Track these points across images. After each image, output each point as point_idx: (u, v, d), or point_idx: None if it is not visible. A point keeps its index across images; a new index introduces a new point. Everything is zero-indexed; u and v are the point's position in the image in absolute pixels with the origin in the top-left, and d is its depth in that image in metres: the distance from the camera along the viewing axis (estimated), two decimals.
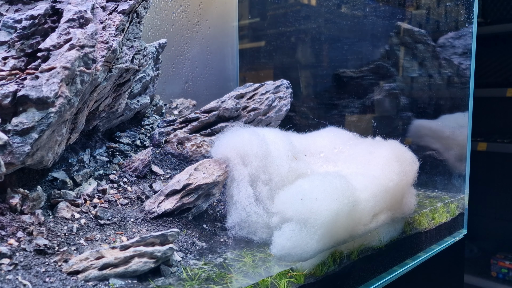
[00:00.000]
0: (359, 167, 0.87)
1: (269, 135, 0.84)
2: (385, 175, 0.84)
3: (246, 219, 0.77)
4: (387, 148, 0.90)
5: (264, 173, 0.79)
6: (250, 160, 0.80)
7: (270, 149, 0.81)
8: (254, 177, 0.80)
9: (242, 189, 0.79)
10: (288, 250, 0.68)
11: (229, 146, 0.83)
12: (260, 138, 0.82)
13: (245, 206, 0.78)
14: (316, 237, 0.68)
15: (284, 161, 0.80)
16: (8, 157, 0.60)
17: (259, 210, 0.77)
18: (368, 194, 0.79)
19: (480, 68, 2.02)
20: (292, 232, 0.69)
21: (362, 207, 0.77)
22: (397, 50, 1.19)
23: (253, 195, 0.79)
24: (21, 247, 0.57)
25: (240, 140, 0.83)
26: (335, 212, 0.70)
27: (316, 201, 0.69)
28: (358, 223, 0.77)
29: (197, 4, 1.40)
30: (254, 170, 0.80)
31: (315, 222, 0.68)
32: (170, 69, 1.34)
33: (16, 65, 0.66)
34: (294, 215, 0.70)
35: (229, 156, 0.82)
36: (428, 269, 0.99)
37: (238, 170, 0.81)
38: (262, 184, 0.79)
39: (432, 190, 1.19)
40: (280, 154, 0.81)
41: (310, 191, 0.71)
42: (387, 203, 0.83)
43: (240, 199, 0.79)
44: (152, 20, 1.27)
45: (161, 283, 0.57)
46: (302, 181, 0.76)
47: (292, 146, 0.85)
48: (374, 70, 1.23)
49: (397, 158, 0.88)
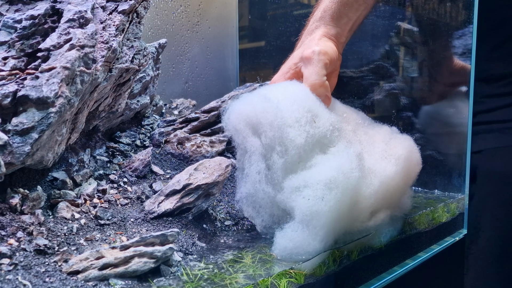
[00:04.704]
0: (376, 157, 0.83)
1: (284, 101, 0.77)
2: (393, 173, 0.81)
3: (254, 194, 0.75)
4: (404, 147, 0.87)
5: (279, 145, 0.74)
6: (264, 130, 0.75)
7: (285, 117, 0.74)
8: (269, 147, 0.74)
9: (254, 162, 0.75)
10: (290, 251, 0.68)
11: (240, 116, 0.78)
12: (275, 105, 0.76)
13: (255, 182, 0.75)
14: (318, 238, 0.67)
15: (301, 130, 0.74)
16: (8, 157, 0.60)
17: (268, 189, 0.74)
18: (370, 190, 0.77)
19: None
20: (294, 233, 0.68)
21: (362, 204, 0.75)
22: (397, 50, 1.20)
23: (264, 170, 0.74)
24: (21, 247, 0.57)
25: (252, 108, 0.77)
26: (339, 203, 0.68)
27: (322, 200, 0.67)
28: (355, 219, 0.75)
29: (197, 4, 1.40)
30: (269, 140, 0.74)
31: (318, 223, 0.67)
32: (170, 69, 1.34)
33: (16, 65, 0.66)
34: (298, 215, 0.68)
35: (240, 128, 0.77)
36: (428, 269, 0.99)
37: (250, 141, 0.76)
38: (277, 156, 0.74)
39: (432, 191, 1.19)
40: (297, 121, 0.74)
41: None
42: (386, 202, 0.82)
43: (251, 172, 0.75)
44: (152, 20, 1.27)
45: (161, 283, 0.57)
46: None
47: (311, 103, 0.78)
48: (374, 70, 1.23)
49: (407, 158, 0.85)
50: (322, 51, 0.84)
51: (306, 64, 0.84)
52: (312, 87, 0.82)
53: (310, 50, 0.85)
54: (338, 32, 0.91)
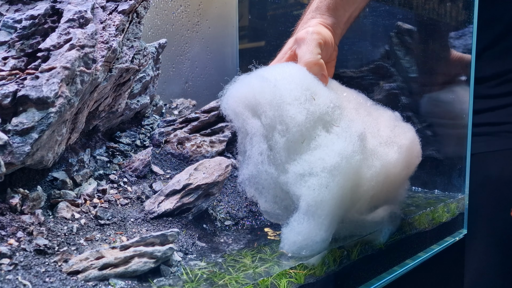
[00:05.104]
0: (379, 141, 0.81)
1: (282, 81, 0.76)
2: (395, 161, 0.80)
3: (256, 175, 0.74)
4: (407, 137, 0.85)
5: (280, 124, 0.72)
6: (263, 110, 0.73)
7: (284, 95, 0.73)
8: (270, 127, 0.73)
9: (255, 144, 0.74)
10: (300, 244, 0.67)
11: (238, 99, 0.77)
12: (273, 84, 0.74)
13: (257, 163, 0.74)
14: (324, 227, 0.66)
15: (301, 107, 0.72)
16: (8, 157, 0.60)
17: (270, 169, 0.73)
18: (372, 172, 0.75)
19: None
20: (301, 226, 0.67)
21: (364, 187, 0.74)
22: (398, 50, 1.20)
23: (266, 151, 0.73)
24: (21, 247, 0.57)
25: (250, 89, 0.76)
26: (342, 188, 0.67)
27: (326, 188, 0.66)
28: (352, 206, 0.74)
29: (197, 4, 1.40)
30: (269, 120, 0.73)
31: (323, 212, 0.66)
32: (170, 69, 1.34)
33: (16, 65, 0.66)
34: (303, 204, 0.68)
35: (239, 111, 0.76)
36: (428, 269, 0.99)
37: (250, 123, 0.75)
38: (279, 135, 0.72)
39: (432, 192, 1.19)
40: (296, 99, 0.73)
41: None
42: (386, 189, 0.80)
43: (253, 154, 0.74)
44: (152, 20, 1.27)
45: (161, 283, 0.57)
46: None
47: (309, 82, 0.77)
48: (374, 70, 1.23)
49: (409, 148, 0.84)
50: (316, 31, 0.83)
51: (300, 44, 0.83)
52: (307, 66, 0.80)
53: (303, 31, 0.84)
54: (334, 22, 0.90)
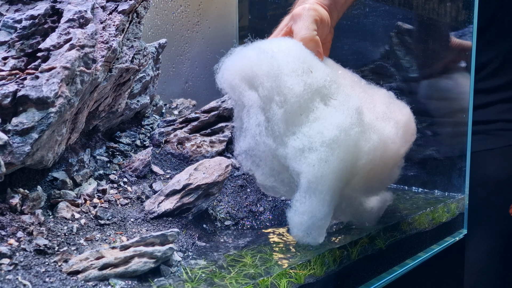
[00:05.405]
0: (376, 116, 0.80)
1: (279, 53, 0.75)
2: (393, 135, 0.79)
3: (254, 147, 0.73)
4: (403, 113, 0.84)
5: (278, 95, 0.71)
6: (261, 81, 0.72)
7: (281, 66, 0.72)
8: (267, 99, 0.72)
9: (253, 116, 0.73)
10: (306, 224, 0.66)
11: (235, 71, 0.75)
12: (270, 55, 0.74)
13: (255, 135, 0.73)
14: (326, 203, 0.66)
15: (298, 79, 0.72)
16: (8, 157, 0.60)
17: (268, 141, 0.72)
18: (370, 145, 0.74)
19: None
20: (304, 205, 0.67)
21: (362, 160, 0.73)
22: (398, 50, 1.20)
23: (264, 122, 0.72)
24: (21, 247, 0.57)
25: (247, 61, 0.75)
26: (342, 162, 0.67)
27: (326, 163, 0.66)
28: (351, 180, 0.73)
29: (197, 4, 1.40)
30: (267, 91, 0.72)
31: (323, 187, 0.66)
32: (170, 69, 1.34)
33: (16, 65, 0.66)
34: (303, 180, 0.67)
35: (236, 83, 0.75)
36: (428, 269, 0.99)
37: (247, 95, 0.74)
38: (277, 106, 0.71)
39: (432, 192, 1.19)
40: (294, 71, 0.72)
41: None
42: (383, 163, 0.79)
43: (250, 126, 0.73)
44: (152, 20, 1.27)
45: (161, 283, 0.57)
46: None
47: (306, 55, 0.76)
48: (374, 70, 1.23)
49: (405, 124, 0.83)
50: (312, 7, 0.83)
51: (296, 20, 0.83)
52: (303, 41, 0.79)
53: (300, 7, 0.84)
54: (331, 3, 0.90)
